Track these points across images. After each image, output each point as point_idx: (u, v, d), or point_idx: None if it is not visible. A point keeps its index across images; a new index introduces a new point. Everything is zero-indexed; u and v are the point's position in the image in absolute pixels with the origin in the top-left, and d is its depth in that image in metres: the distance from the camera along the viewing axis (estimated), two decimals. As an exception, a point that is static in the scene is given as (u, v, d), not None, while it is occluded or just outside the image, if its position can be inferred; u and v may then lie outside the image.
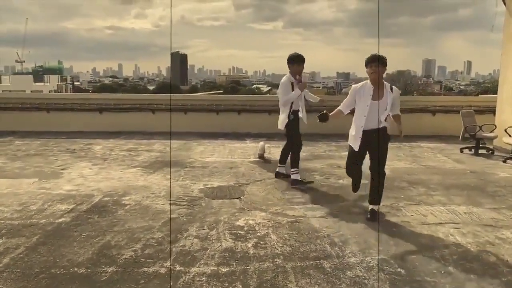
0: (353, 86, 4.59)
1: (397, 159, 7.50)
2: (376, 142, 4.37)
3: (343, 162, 7.18)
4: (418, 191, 5.52)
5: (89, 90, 78.71)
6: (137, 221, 4.24)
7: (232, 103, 10.51)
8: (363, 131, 4.38)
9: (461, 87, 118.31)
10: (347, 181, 5.92)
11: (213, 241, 3.77)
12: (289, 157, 5.90)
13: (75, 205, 4.73)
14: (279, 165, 6.13)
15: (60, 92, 47.81)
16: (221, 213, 4.51)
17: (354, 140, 4.49)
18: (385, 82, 4.33)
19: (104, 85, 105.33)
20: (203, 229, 4.04)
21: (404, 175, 6.36)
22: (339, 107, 4.61)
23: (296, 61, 5.78)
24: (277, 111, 10.18)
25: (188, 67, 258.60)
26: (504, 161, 7.31)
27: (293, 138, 5.81)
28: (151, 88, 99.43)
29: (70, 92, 47.81)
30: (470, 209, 4.79)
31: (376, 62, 4.17)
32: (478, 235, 4.02)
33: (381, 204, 4.85)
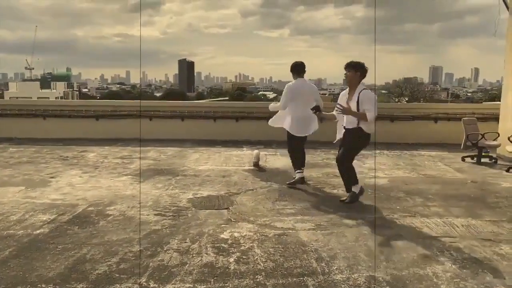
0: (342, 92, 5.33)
1: (396, 168, 7.29)
2: (347, 138, 5.11)
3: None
4: (415, 201, 5.30)
5: (97, 97, 79.22)
6: (118, 233, 4.07)
7: (230, 110, 10.37)
8: (345, 129, 5.11)
9: (469, 94, 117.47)
10: (342, 190, 5.76)
11: (194, 255, 3.60)
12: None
13: (57, 215, 4.58)
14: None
15: (67, 98, 48.11)
16: (206, 225, 4.33)
17: (339, 135, 5.29)
18: (360, 86, 4.92)
19: (112, 92, 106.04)
20: (185, 242, 3.87)
21: (401, 184, 6.15)
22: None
23: (294, 70, 5.99)
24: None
25: (195, 74, 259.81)
26: (507, 170, 7.07)
27: (288, 141, 6.17)
28: (158, 95, 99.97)
29: (77, 99, 48.04)
30: (468, 222, 4.56)
31: (348, 68, 4.92)
32: (475, 250, 3.80)
33: (376, 215, 4.69)
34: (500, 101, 8.79)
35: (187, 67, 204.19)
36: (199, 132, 9.96)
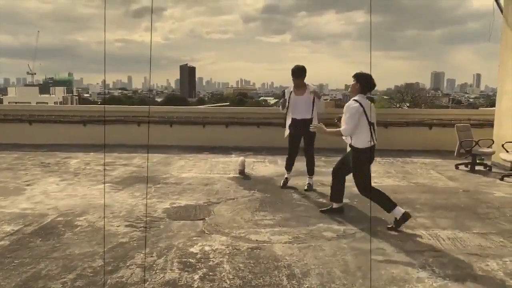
0: None
1: (386, 176, 7.05)
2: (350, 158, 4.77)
3: (328, 179, 6.78)
4: (402, 212, 5.06)
5: (98, 102, 79.24)
6: (82, 246, 3.85)
7: (219, 115, 10.15)
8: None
9: (471, 100, 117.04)
10: (326, 200, 5.54)
11: (157, 271, 3.37)
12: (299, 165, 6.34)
13: (22, 226, 4.36)
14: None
15: (66, 104, 48.05)
16: (177, 237, 4.10)
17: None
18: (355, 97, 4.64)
19: (113, 97, 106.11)
20: (151, 257, 3.64)
21: (390, 193, 5.85)
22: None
23: (292, 75, 5.93)
24: (265, 124, 9.92)
25: (197, 79, 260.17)
26: (501, 179, 6.82)
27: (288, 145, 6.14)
28: (159, 100, 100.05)
29: (76, 104, 47.98)
30: (455, 234, 4.32)
31: (353, 77, 4.66)
32: (460, 266, 3.56)
33: (357, 228, 4.46)
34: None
35: (188, 72, 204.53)
36: (187, 138, 9.74)
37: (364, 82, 4.60)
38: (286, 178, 6.25)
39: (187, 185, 6.21)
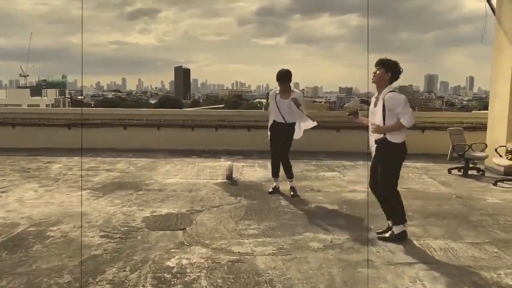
0: None
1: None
2: (377, 156, 4.32)
3: (318, 184, 6.61)
4: (392, 220, 4.85)
5: (91, 105, 78.66)
6: (50, 260, 3.61)
7: (209, 118, 9.92)
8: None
9: (464, 102, 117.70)
10: (316, 206, 5.36)
11: (128, 287, 3.13)
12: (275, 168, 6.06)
13: (-10, 237, 4.11)
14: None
15: (58, 106, 47.53)
16: (154, 249, 3.87)
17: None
18: (386, 90, 4.10)
19: (107, 99, 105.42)
20: (123, 271, 3.40)
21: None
22: None
23: (276, 80, 5.73)
24: (256, 127, 9.70)
25: (192, 81, 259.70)
26: (495, 184, 6.65)
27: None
28: (153, 102, 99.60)
29: (69, 107, 47.45)
30: (447, 244, 4.12)
31: (379, 66, 4.10)
32: (452, 279, 3.36)
33: (345, 237, 4.25)
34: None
35: (183, 74, 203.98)
36: (175, 142, 9.48)
37: (395, 71, 4.08)
38: (275, 186, 6.00)
39: (171, 191, 5.97)
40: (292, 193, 5.79)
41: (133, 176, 6.89)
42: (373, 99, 4.28)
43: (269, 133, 5.89)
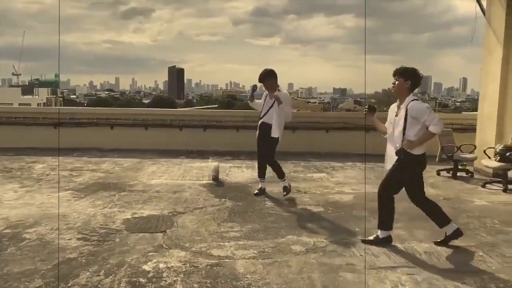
0: None
1: (366, 182, 6.77)
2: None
3: (305, 186, 6.53)
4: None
5: (84, 104, 78.15)
6: (23, 263, 3.48)
7: (197, 118, 9.82)
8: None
9: (457, 103, 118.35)
10: (301, 209, 5.28)
11: (101, 293, 3.03)
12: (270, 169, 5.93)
13: (-37, 240, 3.98)
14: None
15: (49, 105, 47.12)
16: (132, 253, 3.76)
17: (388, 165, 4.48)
18: (409, 98, 4.05)
19: (100, 99, 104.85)
20: (98, 276, 3.29)
21: (367, 202, 5.62)
22: None
23: (259, 81, 5.69)
24: (245, 127, 9.62)
25: (186, 81, 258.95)
26: (483, 186, 6.60)
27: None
28: (146, 102, 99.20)
29: (61, 106, 47.06)
30: (432, 248, 4.06)
31: (397, 76, 4.09)
32: (435, 285, 3.29)
33: (329, 240, 4.17)
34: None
35: (177, 74, 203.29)
36: (163, 142, 9.37)
37: (415, 79, 4.02)
38: (260, 188, 5.91)
39: (155, 192, 5.85)
40: (284, 192, 5.69)
41: (117, 177, 6.76)
42: (392, 108, 4.23)
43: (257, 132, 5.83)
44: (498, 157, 6.50)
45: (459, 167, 7.38)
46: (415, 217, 5.00)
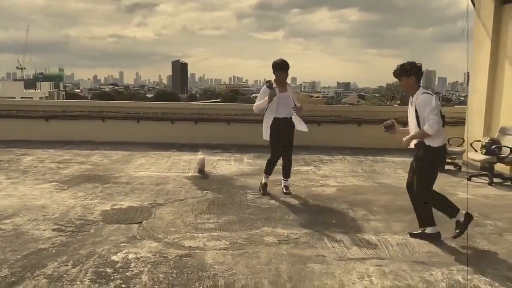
0: None
1: (351, 175, 6.77)
2: (414, 158, 4.29)
3: (290, 178, 6.51)
4: (356, 215, 4.79)
5: (88, 98, 78.35)
6: (-7, 253, 3.52)
7: (188, 111, 9.81)
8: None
9: (461, 98, 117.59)
10: (281, 201, 5.28)
11: (65, 282, 3.05)
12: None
13: None
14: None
15: (52, 99, 47.29)
16: (104, 243, 3.78)
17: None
18: (419, 91, 4.04)
19: (104, 93, 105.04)
20: (65, 266, 3.32)
21: (350, 194, 5.63)
22: None
23: (277, 68, 5.38)
24: (235, 120, 9.62)
25: (189, 75, 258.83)
26: (469, 179, 6.57)
27: (270, 148, 5.58)
28: (150, 96, 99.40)
29: (63, 99, 47.20)
30: (406, 240, 4.05)
31: (398, 77, 4.13)
32: (401, 276, 3.29)
33: (303, 232, 4.17)
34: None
35: (180, 68, 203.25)
36: (155, 135, 9.38)
37: (418, 73, 4.03)
38: (265, 183, 5.65)
39: (138, 184, 5.88)
40: (285, 190, 5.62)
41: (104, 169, 6.79)
42: (410, 104, 4.22)
43: (268, 132, 5.44)
44: (484, 150, 6.47)
45: (448, 160, 7.34)
46: (395, 210, 5.03)
